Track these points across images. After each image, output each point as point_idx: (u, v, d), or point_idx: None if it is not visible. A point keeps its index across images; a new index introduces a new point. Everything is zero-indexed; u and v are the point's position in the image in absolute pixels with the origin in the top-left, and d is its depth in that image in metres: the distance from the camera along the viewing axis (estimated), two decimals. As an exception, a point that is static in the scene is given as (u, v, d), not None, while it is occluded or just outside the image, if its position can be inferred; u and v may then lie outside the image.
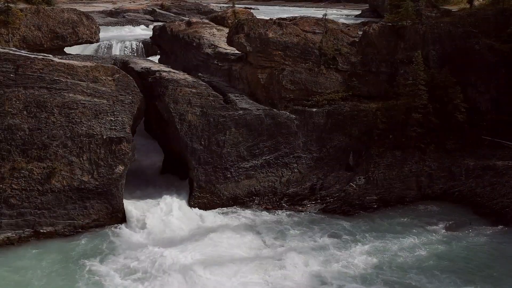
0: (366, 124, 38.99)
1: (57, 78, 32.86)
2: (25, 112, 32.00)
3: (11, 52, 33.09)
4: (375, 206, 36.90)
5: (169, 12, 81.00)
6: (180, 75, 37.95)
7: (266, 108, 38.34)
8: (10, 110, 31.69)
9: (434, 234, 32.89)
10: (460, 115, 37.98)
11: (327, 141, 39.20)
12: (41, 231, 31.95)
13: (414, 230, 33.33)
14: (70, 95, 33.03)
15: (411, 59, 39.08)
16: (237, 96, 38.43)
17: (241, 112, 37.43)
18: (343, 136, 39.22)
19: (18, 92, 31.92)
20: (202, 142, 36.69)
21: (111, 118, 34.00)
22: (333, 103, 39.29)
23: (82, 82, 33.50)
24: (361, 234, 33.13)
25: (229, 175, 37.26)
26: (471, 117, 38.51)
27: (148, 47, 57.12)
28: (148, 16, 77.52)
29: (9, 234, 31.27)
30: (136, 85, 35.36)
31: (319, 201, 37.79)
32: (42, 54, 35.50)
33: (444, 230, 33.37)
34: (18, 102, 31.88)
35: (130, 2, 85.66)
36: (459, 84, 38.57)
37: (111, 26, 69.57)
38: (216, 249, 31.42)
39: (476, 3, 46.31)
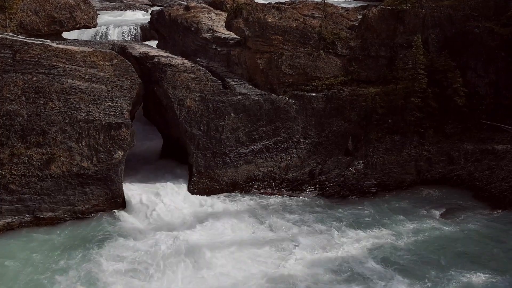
0: (365, 109, 38.96)
1: (55, 64, 32.71)
2: (23, 98, 31.92)
3: (8, 37, 32.90)
4: (374, 190, 37.02)
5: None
6: (178, 60, 37.80)
7: (265, 93, 38.27)
8: (8, 96, 31.60)
9: (432, 218, 33.02)
10: (460, 99, 37.96)
11: (326, 126, 39.20)
12: (41, 216, 32.06)
13: (413, 214, 33.49)
14: (68, 80, 32.92)
15: (410, 43, 38.93)
16: (236, 81, 38.33)
17: (240, 97, 37.35)
18: (342, 121, 39.21)
19: (16, 77, 31.80)
20: (201, 128, 36.67)
21: (110, 103, 33.92)
22: (332, 88, 39.21)
23: (80, 68, 33.36)
24: (360, 218, 33.28)
25: (228, 161, 37.31)
26: (470, 101, 38.52)
27: (146, 32, 56.81)
28: (146, 1, 76.82)
29: (10, 220, 31.39)
30: (134, 70, 35.24)
31: (318, 186, 37.89)
32: (39, 39, 35.30)
33: (442, 214, 33.51)
34: (16, 88, 31.77)
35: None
36: (459, 68, 38.52)
37: (109, 11, 69.04)
38: (216, 233, 31.59)
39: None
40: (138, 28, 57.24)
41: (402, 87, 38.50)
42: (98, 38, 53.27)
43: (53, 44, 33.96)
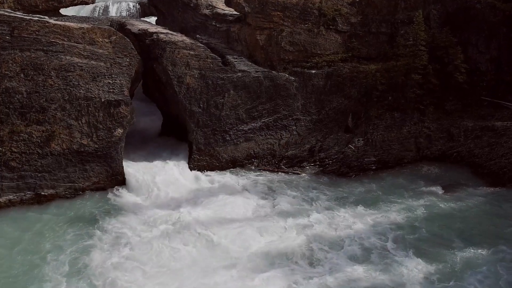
0: (366, 86, 38.82)
1: (54, 40, 32.45)
2: (22, 75, 31.76)
3: (6, 13, 32.52)
4: (374, 167, 37.09)
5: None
6: (178, 37, 37.50)
7: (265, 70, 38.08)
8: (7, 73, 31.44)
9: (432, 195, 33.15)
10: (460, 76, 37.76)
11: (326, 103, 39.11)
12: (42, 193, 32.20)
13: (413, 191, 33.63)
14: (67, 57, 32.70)
15: (411, 19, 38.55)
16: (236, 58, 38.10)
17: (239, 74, 37.18)
18: (342, 98, 39.10)
19: (14, 54, 31.59)
20: (201, 105, 36.59)
21: (109, 81, 33.78)
22: (332, 65, 39.00)
23: (78, 45, 33.12)
24: (360, 195, 33.44)
25: (228, 138, 37.32)
26: (471, 78, 38.32)
27: (145, 8, 56.28)
28: (144, -23, 75.89)
29: (11, 197, 31.54)
30: (133, 47, 34.97)
31: (318, 163, 37.98)
32: (37, 15, 34.90)
33: (441, 191, 33.63)
34: (14, 64, 31.59)
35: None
36: (460, 44, 38.22)
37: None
38: (217, 210, 31.71)
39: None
40: (137, 4, 56.70)
41: (402, 63, 38.27)
42: (96, 15, 52.83)
43: (51, 21, 33.62)
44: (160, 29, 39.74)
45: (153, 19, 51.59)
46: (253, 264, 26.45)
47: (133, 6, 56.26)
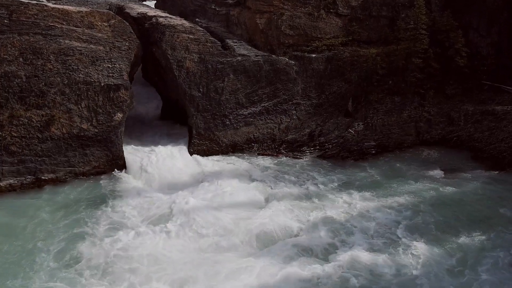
0: (366, 70, 38.68)
1: (52, 24, 32.26)
2: (21, 59, 31.62)
3: (4, -3, 32.35)
4: (374, 152, 37.10)
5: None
6: (177, 21, 37.28)
7: (265, 54, 37.90)
8: (6, 57, 31.29)
9: (432, 179, 33.20)
10: (461, 60, 37.63)
11: (326, 87, 39.00)
12: (43, 178, 32.24)
13: (413, 175, 33.66)
14: (66, 41, 32.54)
15: (412, 2, 38.35)
16: (235, 42, 37.91)
17: (239, 58, 37.02)
18: (343, 82, 38.98)
19: (13, 38, 31.42)
20: (201, 89, 36.49)
21: (108, 65, 33.64)
22: (332, 49, 38.83)
23: (77, 28, 32.93)
24: (359, 179, 33.46)
25: (228, 122, 37.28)
26: (471, 62, 38.19)
27: (144, -8, 55.80)
28: (143, -40, 75.24)
29: (11, 181, 31.58)
30: (132, 31, 34.79)
31: (317, 147, 37.98)
32: (35, -1, 34.72)
33: (441, 175, 33.64)
34: (13, 49, 31.43)
35: None
36: (461, 28, 38.01)
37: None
38: (216, 194, 31.69)
39: None
40: (136, -13, 56.17)
41: (403, 47, 38.11)
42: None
43: (49, 4, 33.39)
44: (159, 12, 39.54)
45: (152, 3, 51.38)
46: (253, 246, 26.54)
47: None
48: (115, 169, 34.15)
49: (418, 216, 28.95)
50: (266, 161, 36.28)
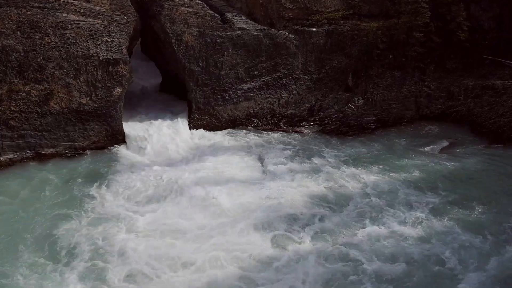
0: (366, 44, 38.38)
1: (49, -3, 31.92)
2: (18, 33, 31.32)
3: (-1, -31, 31.87)
4: (373, 126, 37.10)
5: None
6: (176, -6, 36.79)
7: (265, 28, 37.55)
8: (3, 31, 30.99)
9: (431, 153, 33.30)
10: (462, 34, 37.34)
11: (326, 61, 38.76)
12: (43, 152, 32.26)
13: (412, 150, 33.75)
14: (63, 14, 32.19)
15: (414, -25, 37.85)
16: (235, 16, 37.51)
17: (239, 32, 36.68)
18: (343, 56, 38.73)
19: (10, 11, 31.05)
20: (200, 64, 36.25)
21: (107, 39, 33.34)
22: (333, 23, 38.46)
23: (75, 1, 32.55)
24: (360, 154, 33.51)
25: (227, 97, 37.15)
26: (473, 36, 37.89)
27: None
28: None
29: (11, 156, 31.60)
30: (130, 4, 34.40)
31: (317, 122, 37.95)
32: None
33: (441, 150, 33.75)
34: (10, 22, 31.11)
35: None
36: (462, 1, 37.60)
37: None
38: (216, 169, 31.77)
39: None
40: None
41: (404, 21, 37.76)
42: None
43: (46, -23, 32.95)
44: (157, -15, 38.95)
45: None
46: (253, 221, 26.65)
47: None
48: (115, 144, 34.16)
49: (416, 189, 29.07)
50: (266, 136, 36.30)
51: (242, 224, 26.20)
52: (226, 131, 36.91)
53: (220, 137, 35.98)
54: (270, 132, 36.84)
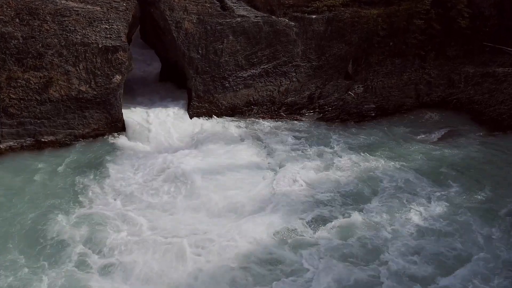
0: (367, 31, 38.22)
1: (48, -16, 31.71)
2: (17, 20, 31.16)
3: (-3, -45, 31.63)
4: (373, 114, 37.07)
5: None
6: (175, -19, 36.54)
7: (265, 15, 37.36)
8: (2, 18, 30.85)
9: (429, 141, 33.30)
10: (463, 21, 37.16)
11: (327, 49, 38.62)
12: (42, 140, 32.26)
13: (412, 137, 33.76)
14: (62, 1, 32.03)
15: (415, -39, 37.61)
16: (235, 3, 37.29)
17: (238, 19, 36.51)
18: (343, 43, 38.58)
19: (8, -2, 30.96)
20: (200, 51, 36.12)
21: (106, 26, 33.19)
22: (333, 10, 38.26)
23: (73, -12, 32.39)
24: (360, 141, 33.53)
25: (227, 85, 37.06)
26: (473, 23, 37.73)
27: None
28: None
29: (11, 143, 31.60)
30: (130, -9, 34.21)
31: (317, 110, 37.91)
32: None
33: (441, 137, 33.76)
34: (9, 9, 30.95)
35: None
36: (464, -13, 37.46)
37: None
38: (216, 157, 31.81)
39: None
40: None
41: (404, 8, 37.58)
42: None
43: (45, -37, 32.72)
44: (156, -28, 38.69)
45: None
46: (250, 208, 26.71)
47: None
48: (115, 132, 34.14)
49: (416, 177, 29.06)
50: (265, 124, 36.25)
51: (250, 214, 26.20)
52: (226, 118, 36.85)
53: (220, 125, 35.93)
54: (270, 120, 36.79)
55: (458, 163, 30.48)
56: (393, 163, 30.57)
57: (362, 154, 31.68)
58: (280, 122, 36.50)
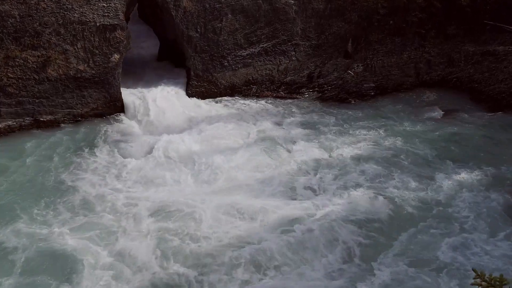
0: (367, 9, 37.88)
1: (44, -39, 31.25)
2: (13, -2, 30.83)
3: None
4: (373, 93, 36.97)
5: None
6: (173, -42, 36.05)
7: (264, -7, 36.98)
8: (-2, -4, 30.51)
9: (431, 120, 33.31)
10: (464, -1, 36.89)
11: (326, 27, 38.32)
12: (41, 119, 32.17)
13: (411, 116, 33.75)
14: (59, -21, 31.63)
15: None
16: (233, -20, 36.85)
17: (237, -3, 36.14)
18: (343, 22, 38.27)
19: (4, -24, 30.52)
20: (198, 30, 35.82)
21: (104, 4, 32.82)
22: (333, -13, 37.88)
23: (70, -35, 31.93)
24: (359, 121, 33.51)
25: (226, 64, 36.85)
26: (474, 1, 37.40)
27: None
28: None
29: (10, 123, 31.52)
30: (127, -32, 33.76)
31: (316, 89, 37.78)
32: None
33: (441, 116, 33.76)
34: (5, -13, 30.60)
35: None
36: (465, -35, 37.04)
37: None
38: (215, 137, 31.78)
39: None
40: None
41: (405, -14, 37.25)
42: None
43: None
44: (154, -51, 38.17)
45: None
46: (251, 188, 26.83)
47: None
48: (114, 111, 34.03)
49: (414, 155, 29.21)
50: (264, 103, 36.20)
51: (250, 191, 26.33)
52: (225, 98, 36.72)
53: (219, 104, 35.85)
54: (269, 99, 36.68)
55: (460, 141, 30.54)
56: (390, 142, 30.64)
57: (361, 133, 31.71)
58: (279, 102, 36.38)
